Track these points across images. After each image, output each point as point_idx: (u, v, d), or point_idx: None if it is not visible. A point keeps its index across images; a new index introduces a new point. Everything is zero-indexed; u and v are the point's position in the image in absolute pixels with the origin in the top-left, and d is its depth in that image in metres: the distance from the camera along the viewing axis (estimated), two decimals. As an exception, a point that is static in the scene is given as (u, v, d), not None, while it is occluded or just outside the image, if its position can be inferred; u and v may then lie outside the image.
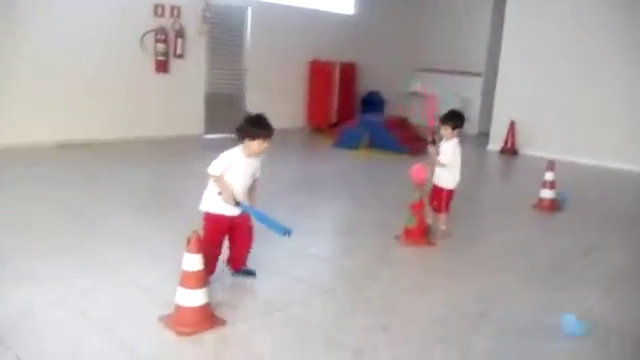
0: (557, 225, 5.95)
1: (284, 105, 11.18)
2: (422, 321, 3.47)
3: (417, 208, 4.83)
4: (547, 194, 6.32)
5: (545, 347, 3.23)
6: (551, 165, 6.33)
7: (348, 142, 9.72)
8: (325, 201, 6.33)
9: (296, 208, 5.92)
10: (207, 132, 10.00)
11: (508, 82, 10.61)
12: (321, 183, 7.25)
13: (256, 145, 3.74)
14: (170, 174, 7.12)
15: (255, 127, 3.74)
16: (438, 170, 5.00)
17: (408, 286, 4.00)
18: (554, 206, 6.31)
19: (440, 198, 5.06)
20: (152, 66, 9.01)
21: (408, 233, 4.87)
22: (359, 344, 3.15)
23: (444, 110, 5.07)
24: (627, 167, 9.17)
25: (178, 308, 3.24)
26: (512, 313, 3.64)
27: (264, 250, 4.59)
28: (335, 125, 10.99)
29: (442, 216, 5.09)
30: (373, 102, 12.49)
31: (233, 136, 3.91)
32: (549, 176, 6.32)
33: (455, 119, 4.96)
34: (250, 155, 3.76)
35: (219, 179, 3.72)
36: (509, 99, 10.58)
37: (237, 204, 3.72)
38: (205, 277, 3.24)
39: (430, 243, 4.86)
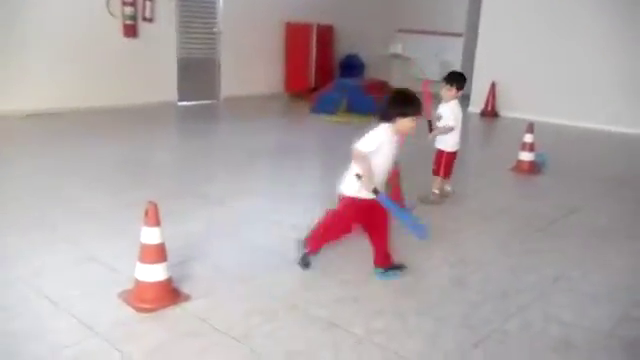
0: (535, 188, 5.85)
1: (261, 70, 10.89)
2: (395, 292, 3.35)
3: (392, 175, 4.65)
4: (526, 156, 6.20)
5: (521, 314, 3.13)
6: (530, 127, 6.19)
7: (326, 107, 9.50)
8: (298, 168, 6.15)
9: (267, 175, 5.77)
10: (181, 99, 9.70)
11: (488, 43, 10.40)
12: (295, 150, 7.05)
13: (407, 122, 3.37)
14: (142, 145, 6.87)
15: (406, 104, 3.36)
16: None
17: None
18: (533, 168, 6.20)
19: (439, 161, 4.92)
20: (120, 30, 8.65)
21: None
22: (330, 317, 3.02)
23: (427, 72, 4.92)
24: (607, 128, 9.08)
25: (138, 284, 3.08)
26: (488, 279, 3.53)
27: (228, 218, 4.44)
28: (314, 90, 10.72)
29: (437, 179, 4.97)
30: (352, 65, 12.20)
31: (375, 117, 3.52)
32: (528, 138, 6.19)
33: (460, 80, 4.82)
34: (398, 134, 3.41)
35: (365, 159, 3.34)
36: (490, 60, 10.39)
37: (375, 192, 3.35)
38: (165, 251, 3.07)
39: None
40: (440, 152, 4.93)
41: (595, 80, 9.34)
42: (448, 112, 4.81)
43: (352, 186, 3.42)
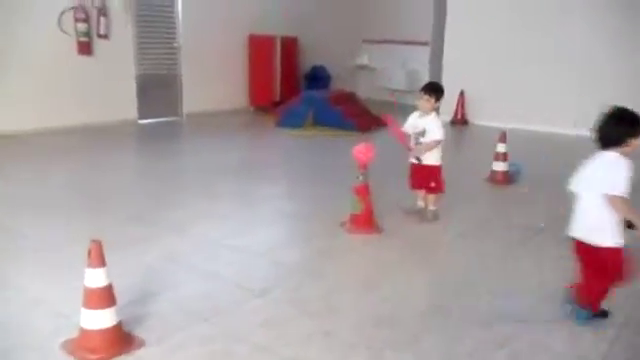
0: (511, 200, 5.64)
1: (224, 84, 10.57)
2: (369, 323, 3.06)
3: (362, 192, 4.41)
4: (500, 166, 6.01)
5: (508, 345, 2.87)
6: (503, 136, 6.01)
7: (292, 121, 9.23)
8: (263, 186, 5.84)
9: (232, 194, 5.45)
10: (141, 117, 9.32)
11: (455, 51, 10.27)
12: (260, 166, 6.76)
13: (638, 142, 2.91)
14: (98, 167, 6.47)
15: (636, 123, 2.91)
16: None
17: (353, 282, 3.59)
18: (507, 179, 6.01)
19: (436, 178, 4.68)
20: (74, 48, 8.25)
21: (354, 219, 4.46)
22: (297, 355, 2.73)
23: (391, 83, 4.72)
24: (579, 133, 8.95)
25: (83, 332, 2.74)
26: (468, 306, 3.28)
27: (188, 247, 4.11)
28: (279, 104, 10.45)
29: (433, 196, 4.74)
30: (318, 77, 11.97)
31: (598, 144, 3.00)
32: (501, 148, 6.01)
33: (439, 90, 4.60)
34: (627, 156, 2.92)
35: (628, 203, 2.84)
36: (457, 68, 10.25)
37: None
38: (112, 294, 2.74)
39: (378, 230, 4.46)
40: (433, 168, 4.68)
41: (565, 84, 9.26)
42: (433, 125, 4.58)
43: (615, 235, 2.92)
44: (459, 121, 10.14)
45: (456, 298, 3.37)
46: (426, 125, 4.57)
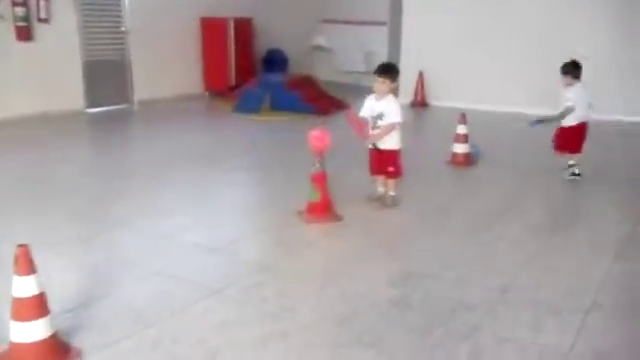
0: (472, 182, 5.54)
1: (177, 69, 10.16)
2: (328, 321, 2.89)
3: (319, 180, 4.22)
4: (460, 148, 5.90)
5: (472, 336, 2.74)
6: (463, 118, 5.88)
7: (248, 105, 8.95)
8: (217, 175, 5.59)
9: (184, 186, 5.18)
10: (89, 106, 8.88)
11: (413, 31, 10.12)
12: (214, 155, 6.46)
13: None
14: (41, 160, 6.10)
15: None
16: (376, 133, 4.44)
17: (311, 277, 3.41)
18: (468, 161, 5.91)
19: (396, 162, 4.49)
20: (12, 33, 7.76)
21: (311, 208, 4.26)
22: (252, 361, 2.55)
23: (349, 65, 4.53)
24: (537, 112, 8.92)
25: (12, 346, 2.49)
26: (430, 297, 3.13)
27: (136, 244, 3.86)
28: (235, 88, 10.14)
29: (393, 181, 4.56)
30: (275, 61, 11.65)
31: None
32: (461, 129, 5.89)
33: (393, 71, 4.45)
34: None
35: None
36: (416, 49, 10.10)
37: None
38: (44, 303, 2.48)
39: (337, 218, 4.28)
40: (391, 152, 4.50)
41: (523, 63, 9.20)
42: (391, 107, 4.41)
43: None
44: (419, 103, 10.02)
45: (418, 289, 3.22)
46: (383, 108, 4.40)
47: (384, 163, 4.53)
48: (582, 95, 5.26)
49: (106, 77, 9.18)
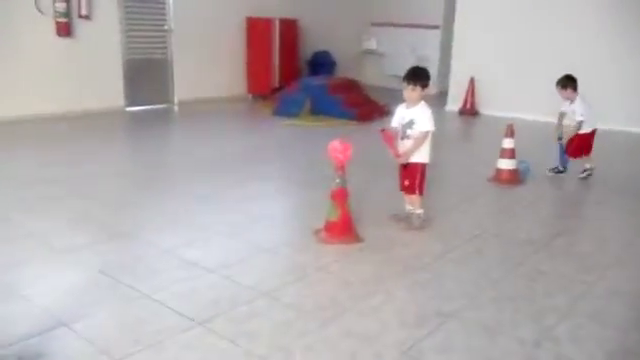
0: (515, 204, 4.95)
1: (219, 70, 9.98)
2: (322, 369, 2.48)
3: (338, 196, 3.80)
4: (505, 164, 5.35)
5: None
6: (510, 130, 5.34)
7: (289, 109, 8.63)
8: (238, 183, 5.23)
9: (200, 194, 4.86)
10: (129, 104, 8.79)
11: (466, 36, 9.55)
12: (243, 161, 6.12)
13: None
14: (68, 159, 5.95)
15: None
16: (406, 143, 4.01)
17: (315, 308, 2.99)
18: (514, 178, 5.35)
19: (414, 176, 4.04)
20: (52, 29, 7.71)
21: (329, 227, 3.85)
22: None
23: (399, 69, 4.11)
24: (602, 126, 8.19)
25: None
26: (451, 346, 2.67)
27: (128, 252, 3.53)
28: (278, 90, 9.84)
29: (415, 198, 4.11)
30: (322, 63, 11.31)
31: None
32: (508, 143, 5.34)
33: (423, 77, 3.96)
34: None
35: None
36: (467, 55, 9.54)
37: None
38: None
39: (357, 239, 3.85)
40: (415, 165, 4.05)
41: (585, 74, 8.44)
42: (421, 115, 3.96)
43: None
44: (468, 111, 9.43)
45: (435, 334, 2.75)
46: (413, 116, 3.95)
47: (404, 176, 4.08)
48: (587, 105, 5.46)
49: (147, 76, 9.07)
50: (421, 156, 4.00)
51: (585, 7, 8.42)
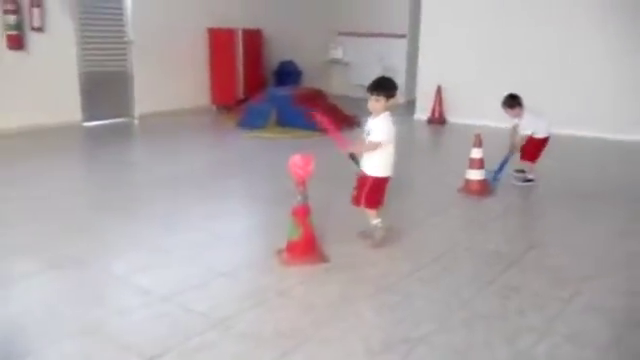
0: (485, 216, 4.79)
1: (183, 82, 9.69)
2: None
3: (300, 214, 3.59)
4: (474, 175, 5.21)
5: None
6: (478, 140, 5.21)
7: (253, 120, 8.39)
8: (200, 201, 4.98)
9: (157, 214, 4.60)
10: (87, 119, 8.43)
11: (431, 44, 9.46)
12: (202, 176, 5.84)
13: None
14: (18, 177, 5.62)
15: None
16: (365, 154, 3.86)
17: (275, 337, 2.76)
18: (484, 189, 5.21)
19: (361, 187, 3.86)
20: (3, 42, 7.36)
21: (291, 247, 3.64)
22: None
23: (365, 79, 3.92)
24: (570, 132, 8.14)
25: None
26: (419, 375, 2.47)
27: (76, 280, 3.27)
28: (244, 101, 9.61)
29: (367, 212, 3.91)
30: (288, 73, 11.11)
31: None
32: (476, 153, 5.21)
33: (388, 87, 3.77)
34: None
35: None
36: (434, 63, 9.45)
37: None
38: None
39: (321, 259, 3.65)
40: (366, 178, 3.87)
41: (552, 79, 8.46)
42: (378, 125, 3.79)
43: None
44: (436, 120, 9.33)
45: (404, 362, 2.56)
46: (373, 126, 3.79)
47: (355, 187, 3.92)
48: (533, 116, 5.45)
49: (106, 89, 8.74)
50: (372, 169, 3.83)
51: (549, 17, 8.40)
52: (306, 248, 3.62)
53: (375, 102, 3.75)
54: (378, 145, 3.76)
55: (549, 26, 8.42)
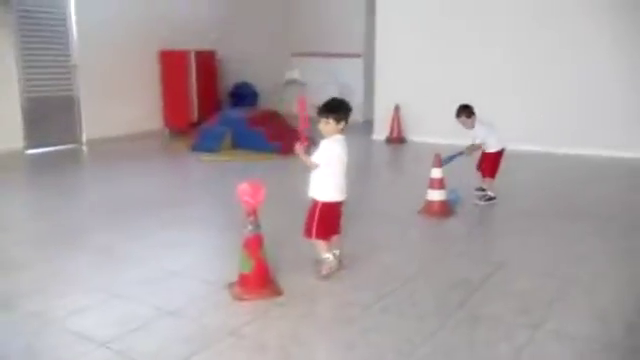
0: (447, 239, 4.64)
1: (133, 106, 9.38)
2: None
3: (251, 245, 3.35)
4: (435, 195, 5.07)
5: None
6: (438, 160, 5.08)
7: (208, 144, 8.14)
8: (148, 232, 4.66)
9: (100, 248, 4.27)
10: (30, 146, 8.04)
11: (388, 63, 9.39)
12: (151, 205, 5.52)
13: None
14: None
15: None
16: (312, 177, 3.66)
17: (222, 388, 2.51)
18: (445, 210, 5.07)
19: (309, 214, 3.64)
20: (-64, 68, 6.96)
21: (243, 281, 3.39)
22: None
23: (322, 99, 3.69)
24: (530, 148, 8.11)
25: None
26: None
27: (4, 332, 2.94)
28: (198, 124, 9.34)
29: (315, 243, 3.68)
30: (243, 95, 10.92)
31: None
32: (436, 173, 5.07)
33: (336, 110, 3.58)
34: None
35: None
36: (390, 82, 9.37)
37: None
38: None
39: (275, 292, 3.40)
40: (313, 202, 3.67)
41: (511, 96, 8.46)
42: (319, 147, 3.62)
43: None
44: (395, 139, 9.23)
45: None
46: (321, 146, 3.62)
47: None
48: (486, 127, 5.42)
49: (51, 115, 8.37)
50: (319, 193, 3.63)
51: (503, 34, 8.45)
52: (258, 281, 3.37)
53: (325, 124, 3.58)
54: (315, 166, 3.58)
55: (504, 43, 8.46)
